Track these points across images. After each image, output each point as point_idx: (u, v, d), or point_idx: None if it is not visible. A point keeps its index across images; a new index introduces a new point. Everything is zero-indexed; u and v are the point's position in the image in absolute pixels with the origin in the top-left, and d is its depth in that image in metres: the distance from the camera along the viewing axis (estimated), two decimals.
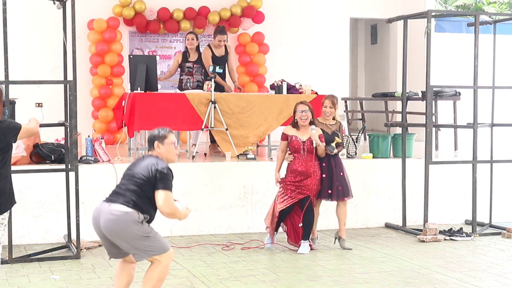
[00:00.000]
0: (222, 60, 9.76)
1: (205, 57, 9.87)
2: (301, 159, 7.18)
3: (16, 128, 4.80)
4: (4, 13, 6.70)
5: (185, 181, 8.15)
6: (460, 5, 19.37)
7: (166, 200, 4.83)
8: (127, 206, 4.80)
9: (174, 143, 5.02)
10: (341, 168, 7.42)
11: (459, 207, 9.23)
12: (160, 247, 4.89)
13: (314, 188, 7.20)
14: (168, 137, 5.01)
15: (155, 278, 4.91)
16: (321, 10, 12.78)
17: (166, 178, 4.84)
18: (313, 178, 7.17)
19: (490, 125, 8.84)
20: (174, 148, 5.03)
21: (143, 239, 4.82)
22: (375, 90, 13.41)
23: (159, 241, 4.91)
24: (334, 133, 7.43)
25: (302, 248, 7.28)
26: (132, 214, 4.78)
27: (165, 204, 4.82)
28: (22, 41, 10.90)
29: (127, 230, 4.79)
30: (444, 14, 9.84)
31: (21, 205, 7.50)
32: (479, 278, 6.34)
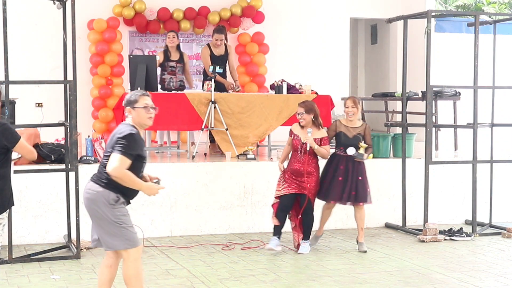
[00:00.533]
0: (221, 60, 9.73)
1: (204, 56, 9.86)
2: (298, 158, 7.18)
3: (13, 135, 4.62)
4: (4, 13, 6.70)
5: (185, 181, 8.16)
6: (460, 5, 19.37)
7: (115, 163, 4.53)
8: (99, 184, 4.65)
9: (146, 106, 4.74)
10: (360, 172, 7.32)
11: (459, 207, 9.23)
12: (129, 240, 4.66)
13: (310, 188, 7.16)
14: (138, 101, 4.74)
15: (131, 276, 4.73)
16: (321, 10, 12.78)
17: (122, 142, 4.56)
18: (308, 178, 7.14)
19: (490, 125, 8.84)
20: (146, 112, 4.74)
21: (113, 225, 4.62)
22: (375, 90, 13.41)
23: (130, 234, 4.68)
24: (357, 136, 7.32)
25: (302, 248, 7.29)
26: (103, 193, 4.62)
27: (113, 168, 4.53)
28: (22, 41, 10.90)
29: (98, 211, 4.64)
30: (444, 14, 9.84)
31: (21, 205, 7.50)
32: (479, 278, 6.34)
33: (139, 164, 4.69)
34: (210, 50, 9.82)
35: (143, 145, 4.75)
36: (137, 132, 4.70)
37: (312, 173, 7.19)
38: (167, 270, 6.51)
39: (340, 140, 7.38)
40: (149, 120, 4.79)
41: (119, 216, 4.65)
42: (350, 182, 7.26)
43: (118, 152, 4.56)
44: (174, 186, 8.11)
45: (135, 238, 4.71)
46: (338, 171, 7.27)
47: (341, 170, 7.27)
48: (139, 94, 4.79)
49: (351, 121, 7.40)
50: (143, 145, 4.75)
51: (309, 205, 7.21)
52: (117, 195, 4.64)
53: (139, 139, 4.67)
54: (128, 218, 4.73)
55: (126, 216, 4.72)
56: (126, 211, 4.76)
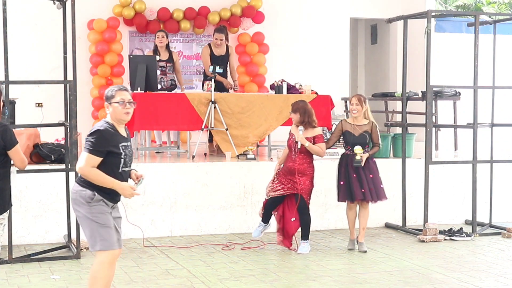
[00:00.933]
0: (221, 60, 9.72)
1: (204, 56, 9.87)
2: (291, 157, 7.21)
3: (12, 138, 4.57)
4: (4, 13, 6.70)
5: (185, 181, 8.16)
6: (460, 5, 19.37)
7: (80, 162, 4.51)
8: (78, 183, 4.61)
9: (122, 101, 4.63)
10: (371, 170, 7.33)
11: (459, 207, 9.23)
12: (104, 241, 4.53)
13: (303, 187, 7.16)
14: (115, 96, 4.66)
15: (90, 276, 4.62)
16: (321, 10, 12.79)
17: (89, 140, 4.52)
18: (301, 177, 7.14)
19: (490, 125, 8.84)
20: (123, 107, 4.64)
21: (90, 222, 4.53)
22: (375, 90, 13.41)
23: (107, 235, 4.54)
24: (363, 135, 7.32)
25: (301, 248, 7.29)
26: (80, 191, 4.57)
27: (79, 167, 4.52)
28: (22, 41, 10.90)
29: (78, 211, 4.58)
30: (444, 14, 9.84)
31: (21, 205, 7.50)
32: (479, 278, 6.34)
33: (114, 160, 4.60)
34: (210, 50, 9.83)
35: (117, 140, 4.62)
36: (108, 128, 4.59)
37: (304, 172, 7.16)
38: (167, 270, 6.51)
39: (346, 139, 7.39)
40: (126, 115, 4.68)
41: (95, 214, 4.54)
42: (365, 179, 7.27)
43: (85, 150, 4.54)
44: (174, 186, 8.11)
45: (111, 241, 4.56)
46: (349, 170, 7.29)
47: (352, 170, 7.29)
48: (116, 89, 4.71)
49: (355, 118, 7.39)
50: (117, 140, 4.62)
51: (303, 205, 7.19)
52: (93, 193, 4.55)
53: (108, 135, 4.57)
54: (107, 217, 4.59)
55: (105, 215, 4.58)
56: (106, 211, 4.60)
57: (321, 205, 8.64)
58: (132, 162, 4.81)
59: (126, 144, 4.71)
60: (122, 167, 4.67)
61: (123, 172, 4.69)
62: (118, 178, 4.62)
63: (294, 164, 7.16)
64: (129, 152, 4.73)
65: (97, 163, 4.54)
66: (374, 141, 7.38)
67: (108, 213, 4.62)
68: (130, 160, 4.75)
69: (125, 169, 4.71)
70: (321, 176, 8.64)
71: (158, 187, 8.07)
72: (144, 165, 8.16)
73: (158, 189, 8.06)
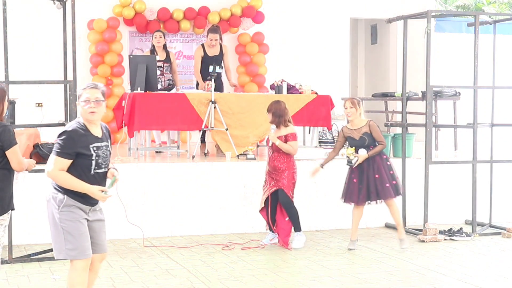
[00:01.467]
0: (215, 60, 9.64)
1: (196, 56, 9.86)
2: (269, 156, 7.50)
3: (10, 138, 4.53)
4: (4, 13, 6.70)
5: (185, 181, 8.16)
6: (460, 5, 19.36)
7: (48, 165, 4.42)
8: (53, 187, 4.52)
9: (87, 100, 4.47)
10: (377, 170, 7.28)
11: (459, 207, 9.22)
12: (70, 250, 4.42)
13: (283, 183, 7.37)
14: (82, 95, 4.51)
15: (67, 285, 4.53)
16: (321, 10, 12.78)
17: (57, 142, 4.40)
18: (277, 173, 7.40)
19: (490, 125, 8.84)
20: (88, 106, 4.47)
21: (57, 228, 4.44)
22: (375, 90, 13.40)
23: (75, 243, 4.42)
24: (363, 137, 7.29)
25: (295, 242, 7.45)
26: (53, 195, 4.48)
27: (47, 170, 4.44)
28: (22, 41, 10.90)
29: (49, 213, 4.51)
30: (444, 14, 9.84)
31: (21, 205, 7.49)
32: (479, 278, 6.34)
33: (84, 162, 4.46)
34: (203, 51, 9.82)
35: (87, 141, 4.47)
36: (77, 129, 4.47)
37: (280, 169, 7.39)
38: (167, 270, 6.51)
39: (350, 145, 7.36)
40: (91, 115, 4.49)
41: (64, 221, 4.43)
42: (366, 182, 7.26)
43: (53, 153, 4.45)
44: (174, 186, 8.11)
45: (79, 249, 4.44)
46: (353, 172, 7.34)
47: (355, 172, 7.32)
48: (83, 88, 4.57)
49: (352, 122, 7.38)
50: (87, 141, 4.47)
51: (285, 199, 7.38)
52: (64, 197, 4.44)
53: (77, 136, 4.44)
54: (77, 225, 4.45)
55: (74, 222, 4.45)
56: (76, 217, 4.47)
57: (321, 205, 8.64)
58: (108, 162, 4.64)
59: (99, 145, 4.54)
60: (95, 169, 4.51)
61: (96, 174, 4.53)
62: (90, 181, 4.47)
63: (273, 162, 7.44)
64: (102, 153, 4.56)
65: (66, 165, 4.42)
66: (377, 140, 7.31)
67: (79, 220, 4.48)
68: (105, 161, 4.58)
69: (99, 171, 4.55)
70: (322, 176, 8.66)
71: (158, 187, 8.07)
72: (144, 165, 8.16)
73: (158, 189, 8.06)
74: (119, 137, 10.36)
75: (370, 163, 7.28)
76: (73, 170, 4.45)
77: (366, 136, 7.28)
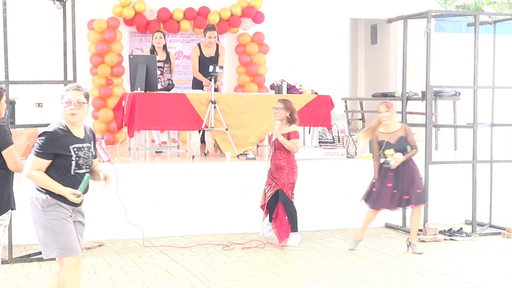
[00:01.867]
0: (211, 61, 9.52)
1: (193, 57, 9.83)
2: (271, 154, 7.59)
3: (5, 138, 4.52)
4: (4, 13, 6.70)
5: (185, 181, 8.15)
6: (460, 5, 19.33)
7: (26, 164, 4.43)
8: (36, 187, 4.50)
9: (68, 102, 4.48)
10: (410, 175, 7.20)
11: (459, 207, 9.22)
12: (61, 249, 4.41)
13: (283, 182, 7.45)
14: (64, 96, 4.52)
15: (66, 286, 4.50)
16: (321, 10, 12.78)
17: (37, 142, 4.41)
18: (278, 172, 7.48)
19: (490, 125, 8.84)
20: (69, 108, 4.48)
21: (45, 229, 4.42)
22: (375, 90, 13.41)
23: (63, 241, 4.42)
24: (400, 140, 7.17)
25: (290, 240, 7.51)
26: (36, 195, 4.46)
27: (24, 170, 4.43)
28: (22, 41, 10.90)
29: (33, 215, 4.49)
30: (444, 14, 9.83)
31: (21, 205, 7.48)
32: (479, 278, 6.34)
33: (63, 162, 4.44)
34: (200, 51, 9.78)
35: (67, 142, 4.45)
36: (57, 130, 4.47)
37: (282, 167, 7.47)
38: (167, 270, 6.51)
39: (384, 149, 7.21)
40: (71, 116, 4.50)
41: (50, 221, 4.42)
42: (401, 188, 7.14)
43: (33, 152, 4.44)
44: (174, 186, 8.11)
45: (69, 247, 4.44)
46: (387, 177, 7.18)
47: (390, 176, 7.17)
48: (66, 89, 4.56)
49: (387, 125, 7.22)
50: (67, 142, 4.45)
51: (285, 198, 7.48)
52: (46, 196, 4.43)
53: (56, 137, 4.43)
54: (63, 224, 4.45)
55: (60, 221, 4.44)
56: (61, 216, 4.46)
57: (321, 205, 8.64)
58: (90, 164, 4.59)
59: (80, 146, 4.52)
60: (75, 170, 4.48)
61: (77, 174, 4.49)
62: (71, 181, 4.45)
63: (274, 160, 7.54)
64: (83, 154, 4.53)
65: (43, 165, 4.42)
66: (411, 144, 7.19)
67: (65, 218, 4.47)
68: (86, 162, 4.54)
69: (79, 171, 4.50)
70: (322, 177, 8.66)
71: (158, 187, 8.07)
72: (144, 165, 8.16)
73: (158, 189, 8.06)
74: (119, 137, 10.37)
75: (405, 168, 7.16)
76: (53, 170, 4.44)
77: (403, 140, 7.17)
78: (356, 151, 9.13)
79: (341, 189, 8.74)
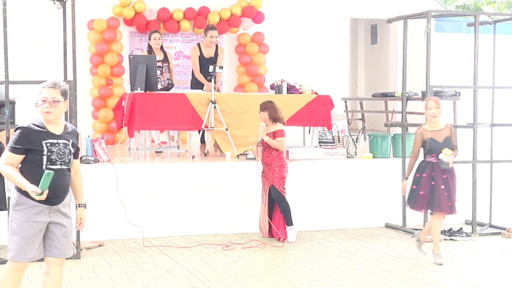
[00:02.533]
0: (210, 62, 9.50)
1: (193, 56, 9.82)
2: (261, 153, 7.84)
3: None
4: (4, 13, 6.70)
5: (185, 181, 8.15)
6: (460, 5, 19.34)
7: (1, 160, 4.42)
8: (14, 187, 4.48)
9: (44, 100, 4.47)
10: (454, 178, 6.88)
11: (459, 207, 9.19)
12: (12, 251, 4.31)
13: (274, 178, 7.67)
14: (40, 93, 4.49)
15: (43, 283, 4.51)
16: (321, 10, 12.79)
17: (12, 137, 4.42)
18: (268, 168, 7.74)
19: (490, 125, 8.84)
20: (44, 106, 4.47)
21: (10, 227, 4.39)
22: (375, 90, 13.41)
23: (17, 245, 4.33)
24: (447, 140, 6.82)
25: (288, 236, 7.68)
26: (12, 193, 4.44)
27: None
28: (22, 41, 10.90)
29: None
30: (444, 14, 9.82)
31: None
32: (479, 278, 6.34)
33: (35, 157, 4.39)
34: (200, 51, 9.77)
35: (40, 137, 4.42)
36: (31, 125, 4.44)
37: (271, 164, 7.71)
38: (167, 270, 6.51)
39: (430, 147, 6.84)
40: (46, 114, 4.48)
41: (13, 219, 4.37)
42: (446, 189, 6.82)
43: (7, 147, 4.45)
44: (174, 186, 8.11)
45: (20, 251, 4.34)
46: (438, 179, 6.79)
47: (441, 178, 6.79)
48: (42, 86, 4.53)
49: (434, 123, 6.86)
50: (40, 137, 4.42)
51: (276, 193, 7.67)
52: (19, 194, 4.38)
53: (27, 132, 4.41)
54: (24, 226, 4.34)
55: (21, 223, 4.35)
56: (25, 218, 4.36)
57: (321, 205, 8.64)
58: (67, 161, 4.51)
59: (54, 141, 4.46)
60: (47, 165, 4.40)
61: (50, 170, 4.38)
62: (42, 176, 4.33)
63: (264, 159, 7.78)
64: (58, 149, 4.45)
65: (16, 160, 4.40)
66: (454, 144, 6.85)
67: (29, 221, 4.37)
68: (61, 158, 4.46)
69: (53, 167, 4.41)
70: (322, 177, 8.66)
71: (158, 187, 8.07)
72: (144, 165, 8.16)
73: (158, 189, 8.06)
74: (119, 137, 10.37)
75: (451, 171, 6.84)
76: (26, 165, 4.43)
77: (450, 138, 6.82)
78: (356, 151, 9.13)
79: (341, 189, 8.74)
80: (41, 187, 4.29)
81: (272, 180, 7.69)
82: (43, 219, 4.43)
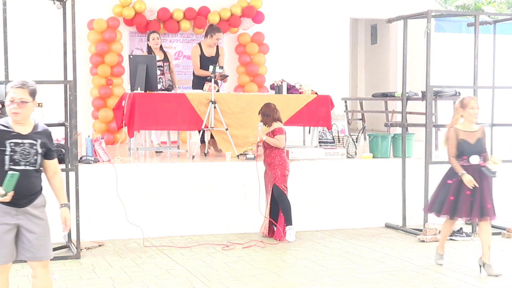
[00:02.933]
0: (211, 61, 9.54)
1: (194, 56, 9.81)
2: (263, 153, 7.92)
3: None
4: (4, 13, 6.70)
5: (185, 181, 8.15)
6: (460, 5, 19.37)
7: None
8: None
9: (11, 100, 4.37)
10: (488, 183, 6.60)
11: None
12: None
13: (276, 177, 7.70)
14: (8, 93, 4.39)
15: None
16: (321, 10, 12.79)
17: None
18: (270, 168, 7.79)
19: (490, 125, 8.83)
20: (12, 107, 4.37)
21: None
22: (375, 90, 13.41)
23: None
24: (479, 142, 6.47)
25: (288, 235, 7.69)
26: None
27: None
28: (22, 41, 10.90)
29: None
30: (444, 14, 9.84)
31: None
32: (479, 278, 6.34)
33: None
34: (200, 51, 9.77)
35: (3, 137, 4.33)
36: None
37: (272, 163, 7.75)
38: (167, 270, 6.51)
39: (462, 149, 6.46)
40: (14, 115, 4.39)
41: None
42: (480, 196, 6.48)
43: None
44: (174, 186, 8.11)
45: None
46: (462, 184, 6.43)
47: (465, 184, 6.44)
48: (11, 86, 4.42)
49: (471, 123, 6.46)
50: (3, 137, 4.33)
51: (278, 192, 7.70)
52: None
53: None
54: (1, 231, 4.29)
55: None
56: None
57: (321, 205, 8.64)
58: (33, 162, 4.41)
59: (19, 141, 4.37)
60: (10, 165, 4.30)
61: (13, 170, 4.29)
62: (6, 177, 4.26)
63: (266, 159, 7.85)
64: (22, 150, 4.35)
65: None
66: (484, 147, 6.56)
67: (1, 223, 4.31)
68: (25, 159, 4.35)
69: (16, 168, 4.31)
70: (322, 177, 8.66)
71: (158, 187, 8.07)
72: (144, 165, 8.16)
73: (158, 189, 8.06)
74: (119, 137, 10.37)
75: (482, 176, 6.51)
76: None
77: (482, 141, 6.49)
78: (356, 151, 9.13)
79: (341, 189, 8.74)
80: (6, 188, 4.20)
81: (274, 178, 7.71)
82: (8, 221, 4.33)
